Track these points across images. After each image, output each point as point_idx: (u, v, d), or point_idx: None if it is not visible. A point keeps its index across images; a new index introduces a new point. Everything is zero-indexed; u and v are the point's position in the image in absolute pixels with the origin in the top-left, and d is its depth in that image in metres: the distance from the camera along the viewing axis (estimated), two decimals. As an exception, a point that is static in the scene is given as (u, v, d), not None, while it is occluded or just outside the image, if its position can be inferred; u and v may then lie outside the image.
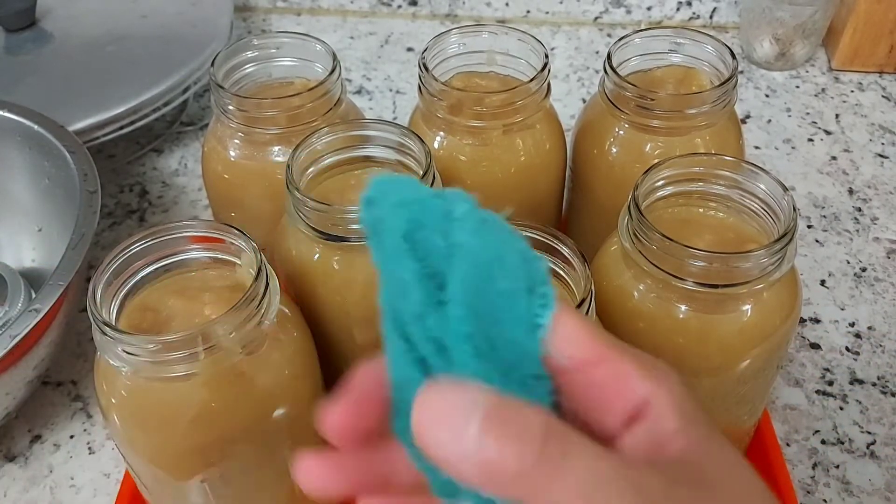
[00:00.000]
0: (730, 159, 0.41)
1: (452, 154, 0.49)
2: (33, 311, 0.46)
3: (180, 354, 0.34)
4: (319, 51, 0.50)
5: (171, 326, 0.37)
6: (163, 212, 0.68)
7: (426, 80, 0.47)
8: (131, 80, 0.68)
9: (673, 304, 0.39)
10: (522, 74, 0.50)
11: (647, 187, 0.40)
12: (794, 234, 0.37)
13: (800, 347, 0.57)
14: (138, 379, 0.36)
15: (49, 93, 0.67)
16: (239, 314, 0.35)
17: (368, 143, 0.44)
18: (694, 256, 0.36)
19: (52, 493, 0.50)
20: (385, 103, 0.79)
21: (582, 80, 0.81)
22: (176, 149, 0.74)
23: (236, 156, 0.49)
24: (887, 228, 0.65)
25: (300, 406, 0.40)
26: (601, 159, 0.50)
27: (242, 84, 0.50)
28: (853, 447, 0.51)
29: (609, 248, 0.42)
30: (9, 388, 0.48)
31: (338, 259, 0.42)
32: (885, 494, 0.49)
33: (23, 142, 0.58)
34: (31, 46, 0.73)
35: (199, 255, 0.39)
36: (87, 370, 0.57)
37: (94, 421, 0.54)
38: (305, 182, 0.43)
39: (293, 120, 0.47)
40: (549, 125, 0.50)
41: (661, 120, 0.47)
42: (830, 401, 0.54)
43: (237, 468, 0.39)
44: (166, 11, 0.77)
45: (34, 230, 0.60)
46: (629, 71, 0.50)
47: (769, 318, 0.39)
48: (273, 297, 0.37)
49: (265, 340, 0.37)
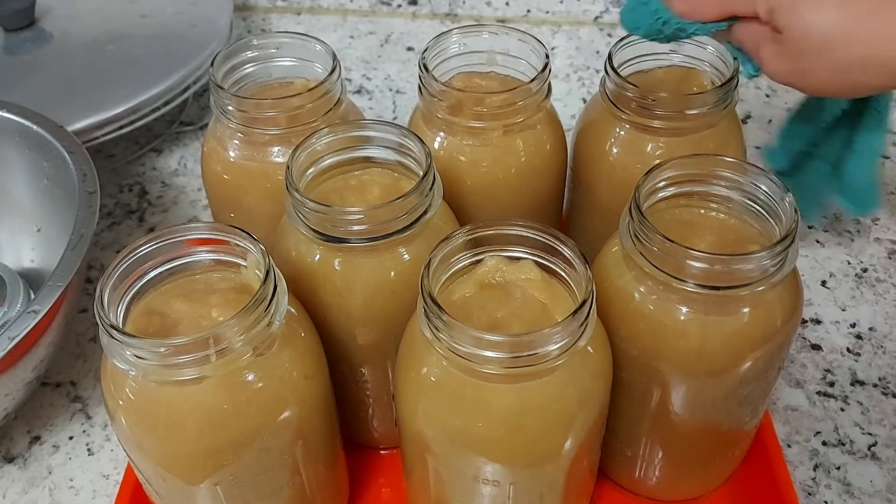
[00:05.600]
0: (731, 160, 0.41)
1: (453, 155, 0.48)
2: (32, 312, 0.45)
3: (191, 357, 0.34)
4: (319, 51, 0.50)
5: (179, 330, 0.37)
6: (162, 212, 0.68)
7: (426, 81, 0.47)
8: (131, 80, 0.68)
9: (674, 306, 0.39)
10: (523, 74, 0.50)
11: (648, 188, 0.40)
12: (795, 235, 0.37)
13: (801, 348, 0.57)
14: (147, 382, 0.36)
15: (48, 93, 0.67)
16: (249, 316, 0.35)
17: (368, 144, 0.44)
18: (695, 258, 0.36)
19: (51, 494, 0.50)
20: (385, 103, 0.78)
21: (582, 80, 0.80)
22: (175, 149, 0.74)
23: (236, 156, 0.49)
24: (888, 229, 0.65)
25: (310, 406, 0.40)
26: (602, 160, 0.50)
27: (242, 84, 0.50)
28: (854, 448, 0.51)
29: (610, 249, 0.42)
30: (8, 390, 0.48)
31: (338, 261, 0.42)
32: (886, 496, 0.49)
33: (22, 142, 0.58)
34: (31, 46, 0.72)
35: (204, 258, 0.39)
36: (86, 371, 0.56)
37: (93, 422, 0.54)
38: (305, 183, 0.42)
39: (293, 120, 0.47)
40: (550, 125, 0.50)
41: (661, 120, 0.47)
42: (831, 402, 0.54)
43: (249, 470, 0.39)
44: (166, 11, 0.77)
45: (33, 230, 0.60)
46: (630, 71, 0.50)
47: (770, 320, 0.39)
48: (281, 299, 0.37)
49: (274, 342, 0.37)
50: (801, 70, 0.43)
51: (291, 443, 0.39)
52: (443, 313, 0.34)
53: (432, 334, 0.35)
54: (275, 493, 0.41)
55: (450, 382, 0.36)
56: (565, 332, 0.34)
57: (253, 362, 0.36)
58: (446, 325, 0.34)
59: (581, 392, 0.37)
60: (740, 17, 0.45)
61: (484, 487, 0.39)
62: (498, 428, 0.36)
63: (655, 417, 0.43)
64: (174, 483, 0.38)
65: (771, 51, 0.44)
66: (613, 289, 0.41)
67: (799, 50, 0.42)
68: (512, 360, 0.34)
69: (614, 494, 0.50)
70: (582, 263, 0.36)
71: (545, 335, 0.34)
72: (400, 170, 0.44)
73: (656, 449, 0.45)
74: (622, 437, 0.46)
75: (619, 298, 0.40)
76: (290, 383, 0.38)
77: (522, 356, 0.34)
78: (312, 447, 0.41)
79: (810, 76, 0.44)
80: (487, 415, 0.36)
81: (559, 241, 0.37)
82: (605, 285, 0.41)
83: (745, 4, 0.44)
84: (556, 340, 0.34)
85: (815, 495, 0.49)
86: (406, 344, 0.39)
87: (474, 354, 0.34)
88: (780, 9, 0.42)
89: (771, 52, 0.44)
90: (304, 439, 0.40)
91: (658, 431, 0.44)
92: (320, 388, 0.40)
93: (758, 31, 0.44)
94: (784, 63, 0.44)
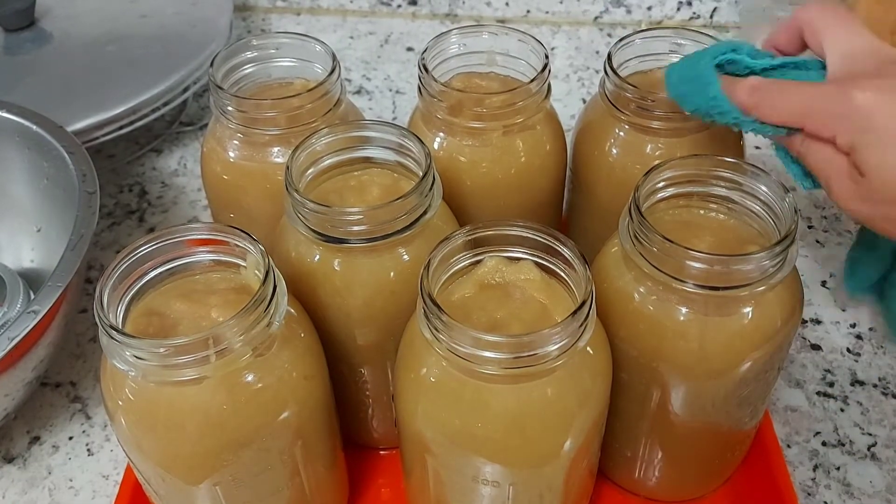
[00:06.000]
0: (730, 161, 0.41)
1: (452, 155, 0.48)
2: (32, 313, 0.45)
3: (191, 358, 0.34)
4: (319, 51, 0.50)
5: (178, 330, 0.37)
6: (162, 212, 0.68)
7: (426, 81, 0.47)
8: (130, 80, 0.68)
9: (674, 307, 0.39)
10: (522, 75, 0.50)
11: (647, 189, 0.40)
12: (795, 236, 0.37)
13: (800, 348, 0.57)
14: (147, 382, 0.36)
15: (48, 93, 0.67)
16: (248, 316, 0.35)
17: (368, 145, 0.44)
18: (694, 259, 0.36)
19: (50, 494, 0.50)
20: (385, 103, 0.78)
21: (582, 80, 0.80)
22: (175, 149, 0.74)
23: (235, 157, 0.49)
24: (888, 229, 0.65)
25: (310, 406, 0.40)
26: (601, 160, 0.50)
27: (242, 85, 0.50)
28: (854, 449, 0.51)
29: (610, 249, 0.42)
30: (7, 390, 0.48)
31: (338, 261, 0.42)
32: (885, 496, 0.49)
33: (21, 142, 0.58)
34: (30, 46, 0.72)
35: (204, 258, 0.39)
36: (86, 371, 0.56)
37: (93, 422, 0.54)
38: (305, 183, 0.42)
39: (293, 121, 0.47)
40: (550, 126, 0.50)
41: (661, 121, 0.47)
42: (831, 402, 0.54)
43: (249, 471, 0.39)
44: (166, 11, 0.77)
45: (33, 231, 0.60)
46: (630, 72, 0.50)
47: (770, 321, 0.39)
48: (281, 299, 0.37)
49: (274, 342, 0.37)
50: (884, 216, 0.37)
51: (291, 443, 0.39)
52: (442, 314, 0.34)
53: (432, 335, 0.35)
54: (274, 494, 0.41)
55: (449, 383, 0.36)
56: (565, 332, 0.34)
57: (252, 363, 0.36)
58: (446, 325, 0.34)
59: (581, 393, 0.37)
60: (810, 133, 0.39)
61: (483, 488, 0.39)
62: (497, 428, 0.36)
63: (655, 418, 0.43)
64: (174, 484, 0.38)
65: (847, 187, 0.38)
66: (613, 289, 0.41)
67: (884, 198, 0.36)
68: (511, 361, 0.34)
69: (614, 495, 0.50)
70: (581, 264, 0.36)
71: (545, 336, 0.34)
72: (399, 170, 0.44)
73: (656, 449, 0.45)
74: (622, 437, 0.45)
75: (618, 299, 0.40)
76: (290, 384, 0.38)
77: (522, 357, 0.34)
78: (312, 448, 0.41)
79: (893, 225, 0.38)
80: (487, 415, 0.36)
81: (559, 241, 0.37)
82: (605, 286, 0.41)
83: (822, 127, 0.38)
84: (556, 341, 0.34)
85: (815, 496, 0.49)
86: (406, 344, 0.39)
87: (474, 355, 0.34)
88: (866, 149, 0.36)
89: (846, 188, 0.38)
90: (304, 440, 0.40)
91: (658, 432, 0.44)
92: (320, 388, 0.40)
93: (833, 160, 0.38)
94: (862, 206, 0.38)
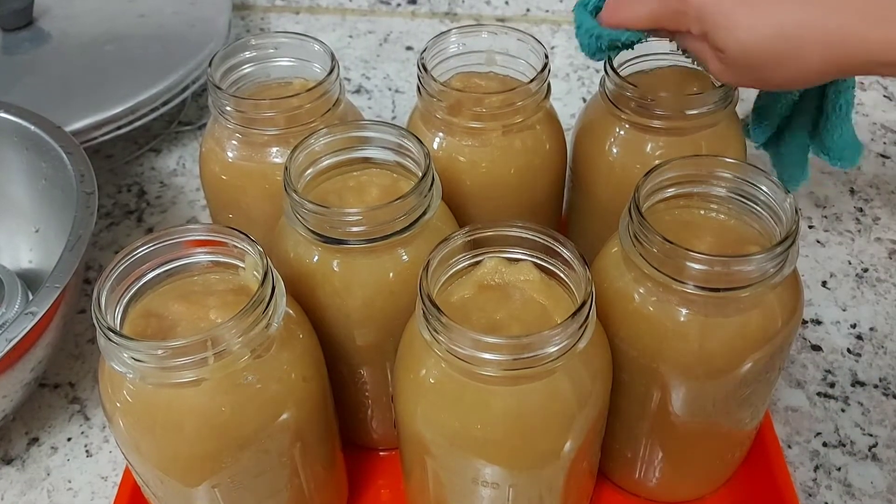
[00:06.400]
0: (731, 161, 0.40)
1: (451, 155, 0.48)
2: (30, 314, 0.45)
3: (189, 360, 0.34)
4: (318, 51, 0.50)
5: (177, 332, 0.37)
6: (161, 212, 0.68)
7: (425, 81, 0.47)
8: (129, 80, 0.68)
9: (674, 307, 0.39)
10: (522, 74, 0.49)
11: (648, 189, 0.40)
12: (795, 236, 0.37)
13: (801, 349, 0.57)
14: (145, 384, 0.35)
15: (46, 93, 0.67)
16: (247, 318, 0.35)
17: (367, 145, 0.44)
18: (695, 259, 0.36)
19: (49, 496, 0.50)
20: (384, 102, 0.78)
21: (582, 80, 0.80)
22: (174, 149, 0.74)
23: (234, 157, 0.49)
24: (889, 229, 0.65)
25: (309, 407, 0.39)
26: (601, 160, 0.50)
27: (240, 84, 0.50)
28: (855, 449, 0.51)
29: (609, 250, 0.42)
30: (6, 391, 0.47)
31: (337, 262, 0.41)
32: (886, 497, 0.49)
33: (19, 142, 0.57)
34: (28, 46, 0.72)
35: (202, 259, 0.39)
36: (84, 372, 0.56)
37: (91, 423, 0.54)
38: (303, 184, 0.42)
39: (291, 121, 0.47)
40: (549, 126, 0.50)
41: (661, 121, 0.47)
42: (832, 403, 0.54)
43: (248, 472, 0.39)
44: (164, 11, 0.77)
45: (31, 231, 0.59)
46: (630, 71, 0.50)
47: (771, 321, 0.39)
48: (280, 300, 0.37)
49: (273, 343, 0.37)
50: (755, 79, 0.43)
51: (290, 445, 0.39)
52: (442, 315, 0.34)
53: (431, 336, 0.35)
54: (273, 495, 0.41)
55: (449, 384, 0.36)
56: (565, 333, 0.34)
57: (251, 364, 0.36)
58: (445, 326, 0.34)
59: (581, 393, 0.37)
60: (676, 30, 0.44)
61: (483, 489, 0.39)
62: (497, 430, 0.36)
63: (655, 419, 0.43)
64: (172, 485, 0.38)
65: (716, 65, 0.43)
66: (613, 290, 0.40)
67: (747, 66, 0.41)
68: (511, 362, 0.34)
69: (614, 496, 0.50)
70: (581, 265, 0.36)
71: (544, 337, 0.33)
72: (399, 170, 0.44)
73: (656, 450, 0.45)
74: (622, 438, 0.45)
75: (618, 300, 0.40)
76: (289, 385, 0.38)
77: (522, 358, 0.34)
78: (311, 449, 0.41)
79: (766, 83, 0.44)
80: (487, 417, 0.36)
81: (558, 242, 0.37)
82: (605, 286, 0.41)
83: (675, 24, 0.43)
84: (556, 342, 0.34)
85: (816, 496, 0.49)
86: (405, 345, 0.39)
87: (473, 356, 0.34)
88: (713, 31, 0.41)
89: (716, 65, 0.43)
90: (303, 441, 0.40)
91: (658, 432, 0.44)
92: (319, 389, 0.40)
93: (699, 47, 0.43)
94: (735, 76, 0.43)
